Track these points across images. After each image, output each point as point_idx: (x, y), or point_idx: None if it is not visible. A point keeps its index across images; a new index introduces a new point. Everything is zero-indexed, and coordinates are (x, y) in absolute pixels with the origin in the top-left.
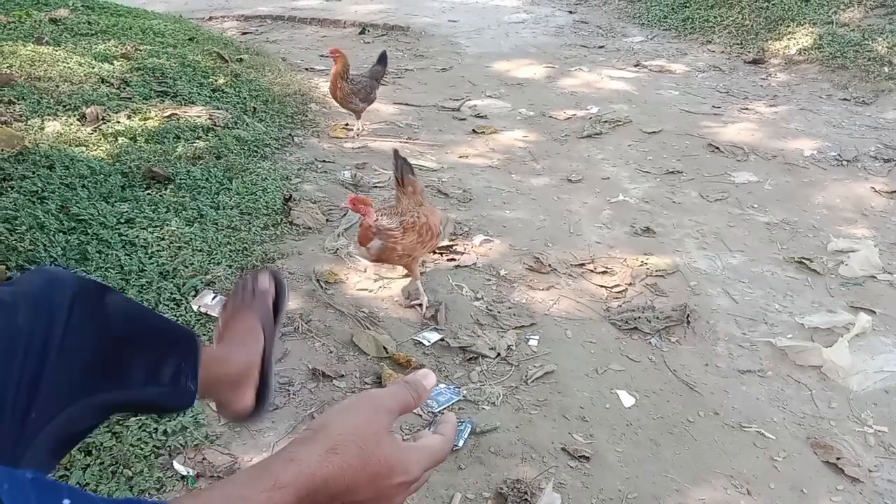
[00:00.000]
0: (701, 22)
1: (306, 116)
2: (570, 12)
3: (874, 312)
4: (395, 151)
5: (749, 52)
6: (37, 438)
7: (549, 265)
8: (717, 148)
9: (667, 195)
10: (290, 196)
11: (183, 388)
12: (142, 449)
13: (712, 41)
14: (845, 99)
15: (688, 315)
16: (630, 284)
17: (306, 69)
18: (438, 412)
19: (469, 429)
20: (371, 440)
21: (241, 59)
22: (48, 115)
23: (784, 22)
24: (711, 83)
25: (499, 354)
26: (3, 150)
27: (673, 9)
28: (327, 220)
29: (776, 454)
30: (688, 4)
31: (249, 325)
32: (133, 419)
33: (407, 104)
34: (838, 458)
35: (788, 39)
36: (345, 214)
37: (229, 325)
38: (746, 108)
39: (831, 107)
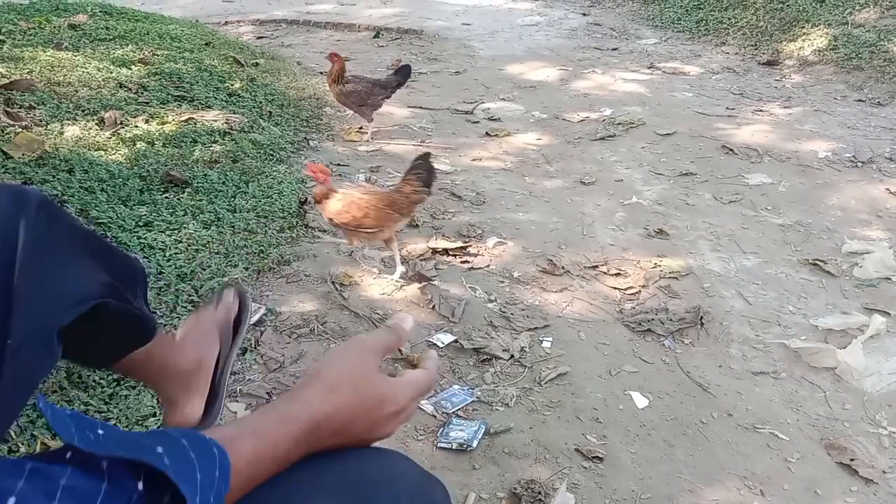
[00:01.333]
0: (715, 24)
1: (321, 120)
2: (584, 14)
3: (889, 314)
4: (426, 155)
5: (763, 53)
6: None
7: (563, 267)
8: (731, 150)
9: (680, 197)
10: (306, 199)
11: (148, 315)
12: None
13: (726, 43)
14: (860, 100)
15: (701, 317)
16: (643, 286)
17: (321, 73)
18: (452, 413)
19: (483, 429)
20: (363, 379)
21: (257, 64)
22: (67, 119)
23: (799, 23)
24: (725, 85)
25: (512, 356)
26: (24, 155)
27: (687, 11)
28: None
29: (790, 455)
30: (702, 6)
31: (206, 329)
32: (153, 419)
33: (420, 107)
34: (852, 460)
35: (803, 41)
36: None
37: (188, 328)
38: (761, 110)
39: (846, 108)
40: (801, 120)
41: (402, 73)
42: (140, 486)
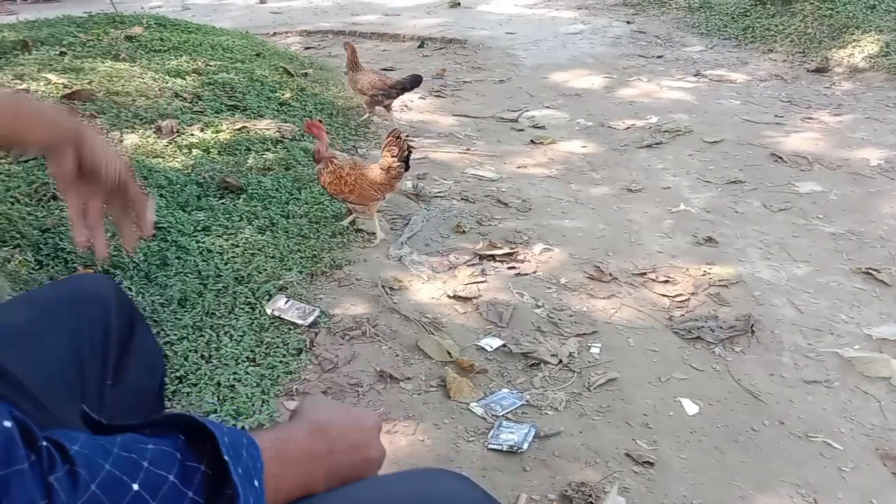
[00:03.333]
0: (762, 31)
1: (369, 129)
2: (628, 22)
3: None
4: (395, 131)
5: (812, 60)
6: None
7: (610, 274)
8: (780, 157)
9: (729, 205)
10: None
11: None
12: None
13: (774, 50)
14: None
15: (752, 325)
16: (693, 294)
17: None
18: (502, 416)
19: (533, 432)
20: (335, 405)
21: (306, 74)
22: (127, 128)
23: (849, 30)
24: (773, 92)
25: (560, 361)
26: None
27: (733, 18)
28: (391, 228)
29: (844, 465)
30: (748, 13)
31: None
32: (214, 415)
33: (465, 115)
34: None
35: (853, 47)
36: (407, 223)
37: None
38: (810, 118)
39: None
40: (852, 127)
41: (411, 81)
42: (203, 466)
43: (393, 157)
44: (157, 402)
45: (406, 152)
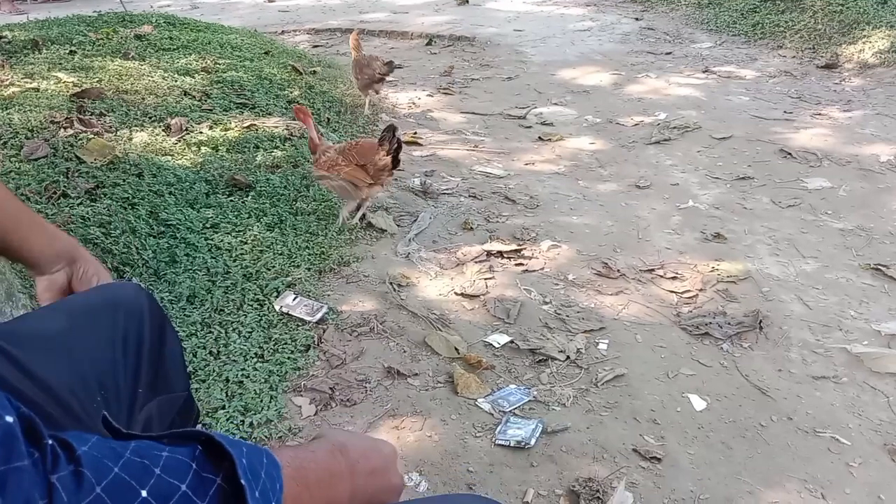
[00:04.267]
0: (771, 27)
1: (377, 126)
2: (637, 19)
3: None
4: (392, 127)
5: (822, 56)
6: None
7: (618, 270)
8: (789, 154)
9: (738, 201)
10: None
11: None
12: None
13: (783, 46)
14: None
15: (760, 321)
16: (701, 290)
17: (376, 81)
18: (510, 411)
19: (540, 428)
20: (350, 433)
21: (314, 72)
22: (136, 126)
23: (859, 25)
24: (782, 88)
25: (568, 357)
26: (96, 160)
27: (742, 14)
28: (399, 225)
29: (852, 460)
30: (757, 9)
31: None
32: (222, 411)
33: (473, 113)
34: None
35: (863, 43)
36: (415, 220)
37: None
38: (819, 114)
39: None
40: (862, 123)
41: (388, 66)
42: (220, 479)
43: (383, 150)
44: (189, 411)
45: (396, 147)
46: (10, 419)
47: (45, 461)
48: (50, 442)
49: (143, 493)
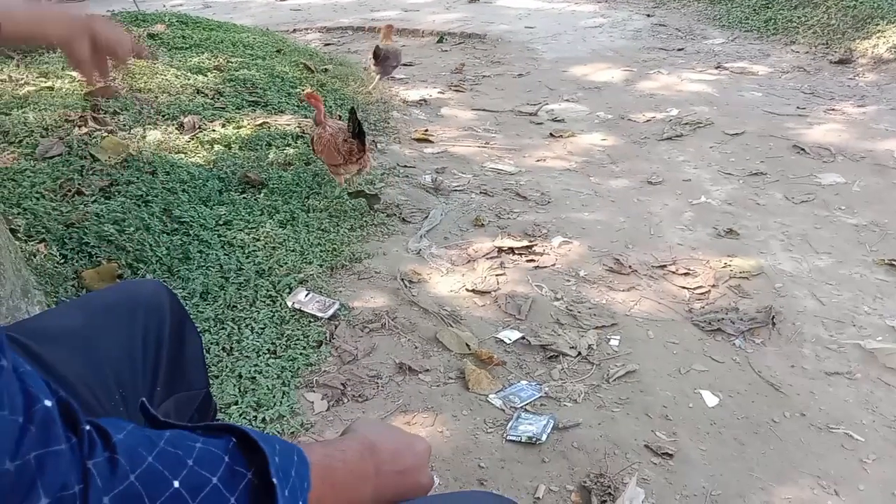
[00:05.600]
0: (784, 22)
1: (388, 124)
2: (648, 15)
3: None
4: (352, 110)
5: (835, 51)
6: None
7: (630, 266)
8: (803, 149)
9: (750, 197)
10: (377, 196)
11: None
12: None
13: (796, 41)
14: None
15: (773, 317)
16: (713, 286)
17: (389, 78)
18: (521, 407)
19: (551, 424)
20: (388, 426)
21: (326, 70)
22: (149, 124)
23: (873, 20)
24: (796, 84)
25: (579, 353)
26: (110, 158)
27: (755, 10)
28: (410, 222)
29: (865, 456)
30: (770, 5)
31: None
32: (235, 407)
33: (484, 110)
34: None
35: (878, 38)
36: (426, 217)
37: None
38: (833, 109)
39: None
40: (876, 119)
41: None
42: (251, 474)
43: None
44: (207, 407)
45: (357, 130)
46: (48, 403)
47: (83, 446)
48: (87, 428)
49: (176, 484)
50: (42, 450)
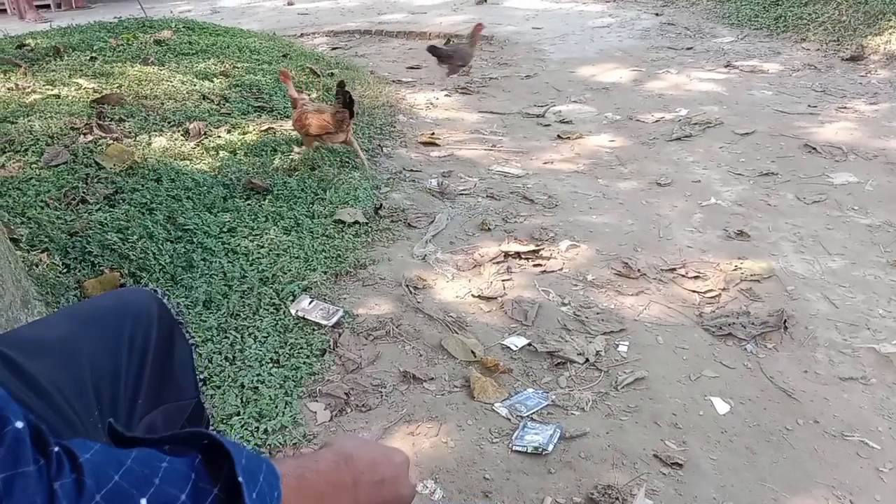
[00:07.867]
0: (794, 20)
1: (394, 128)
2: (657, 14)
3: None
4: (341, 83)
5: (846, 48)
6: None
7: (639, 270)
8: (814, 148)
9: (761, 198)
10: (381, 205)
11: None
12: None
13: (807, 39)
14: None
15: (785, 320)
16: (724, 289)
17: (394, 81)
18: (527, 416)
19: (558, 433)
20: (361, 440)
21: (332, 74)
22: (155, 131)
23: (885, 16)
24: (807, 82)
25: (587, 360)
26: (115, 165)
27: (764, 7)
28: (415, 227)
29: (881, 465)
30: (780, 2)
31: None
32: (237, 418)
33: (491, 112)
34: None
35: (890, 34)
36: (432, 222)
37: None
38: (844, 107)
39: None
40: (889, 116)
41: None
42: (217, 489)
43: (339, 102)
44: (198, 417)
45: (347, 101)
46: (20, 425)
47: (50, 468)
48: (56, 449)
49: (143, 502)
50: (10, 472)
